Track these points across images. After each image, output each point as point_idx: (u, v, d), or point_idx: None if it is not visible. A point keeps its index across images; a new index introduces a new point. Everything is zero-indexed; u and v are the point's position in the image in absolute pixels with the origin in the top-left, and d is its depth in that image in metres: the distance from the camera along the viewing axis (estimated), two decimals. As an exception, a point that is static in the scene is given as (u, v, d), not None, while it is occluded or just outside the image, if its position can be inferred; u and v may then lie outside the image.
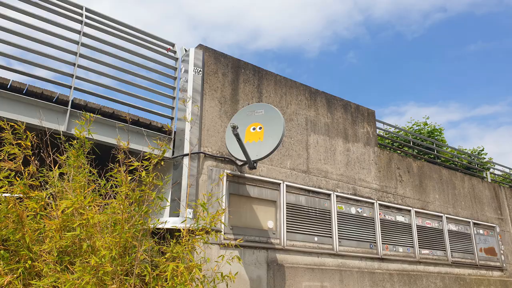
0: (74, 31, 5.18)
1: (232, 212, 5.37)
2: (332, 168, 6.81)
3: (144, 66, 5.60)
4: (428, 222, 8.11)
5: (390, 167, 7.81)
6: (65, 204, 3.25)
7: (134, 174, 3.51)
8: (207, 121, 5.56)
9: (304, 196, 6.28)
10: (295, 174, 6.26)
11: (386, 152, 7.92)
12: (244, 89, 6.10)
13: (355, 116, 7.54)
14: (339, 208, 6.66)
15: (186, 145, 5.19)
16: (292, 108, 6.61)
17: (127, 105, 5.26)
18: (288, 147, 6.32)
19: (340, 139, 7.12)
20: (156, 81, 5.64)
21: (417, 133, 13.51)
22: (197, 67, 5.60)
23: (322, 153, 6.76)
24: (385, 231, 7.24)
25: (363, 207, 7.04)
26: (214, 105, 5.71)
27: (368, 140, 7.60)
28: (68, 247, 3.29)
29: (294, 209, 6.07)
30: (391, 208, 7.51)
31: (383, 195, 7.45)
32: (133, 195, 3.41)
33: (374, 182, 7.38)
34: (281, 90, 6.57)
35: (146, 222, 3.54)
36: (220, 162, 5.52)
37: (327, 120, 7.05)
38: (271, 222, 5.79)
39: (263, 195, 5.81)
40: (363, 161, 7.35)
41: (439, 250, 8.08)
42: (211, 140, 5.53)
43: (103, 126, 4.96)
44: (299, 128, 6.57)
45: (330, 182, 6.68)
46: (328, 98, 7.23)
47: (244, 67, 6.24)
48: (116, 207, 3.44)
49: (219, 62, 5.95)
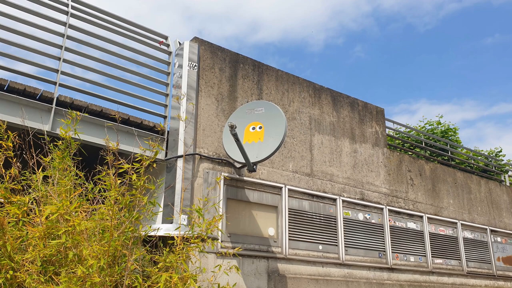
0: (59, 23, 5.19)
1: (230, 219, 5.37)
2: (338, 171, 6.81)
3: (134, 61, 5.60)
4: (442, 229, 8.12)
5: (400, 170, 7.82)
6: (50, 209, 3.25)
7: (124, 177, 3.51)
8: (203, 120, 5.57)
9: (307, 201, 6.28)
10: (298, 177, 6.26)
11: (396, 154, 7.93)
12: (243, 86, 6.11)
13: (362, 115, 7.55)
14: (345, 214, 6.67)
15: (180, 146, 5.19)
16: (295, 106, 6.62)
17: (117, 102, 5.27)
18: (290, 148, 6.33)
19: (346, 140, 7.12)
20: (147, 77, 5.64)
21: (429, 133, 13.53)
22: (192, 61, 5.61)
23: (327, 155, 6.77)
24: (395, 239, 7.24)
25: (371, 213, 7.04)
26: (211, 102, 5.72)
27: (377, 140, 7.61)
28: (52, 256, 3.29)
29: (296, 215, 6.08)
30: (401, 214, 7.51)
31: (393, 200, 7.46)
32: (123, 200, 3.41)
33: (383, 186, 7.39)
34: (283, 86, 6.58)
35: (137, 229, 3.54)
36: (217, 165, 5.53)
37: (333, 119, 7.06)
38: (272, 229, 5.79)
39: (264, 200, 5.82)
40: (372, 163, 7.35)
41: (453, 259, 8.08)
42: (207, 140, 5.53)
43: (91, 126, 4.96)
44: (302, 128, 6.58)
45: (335, 186, 6.69)
46: (333, 95, 7.24)
47: (243, 61, 6.24)
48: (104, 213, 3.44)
49: (215, 56, 5.96)
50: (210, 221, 3.91)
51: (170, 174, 5.20)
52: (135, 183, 3.53)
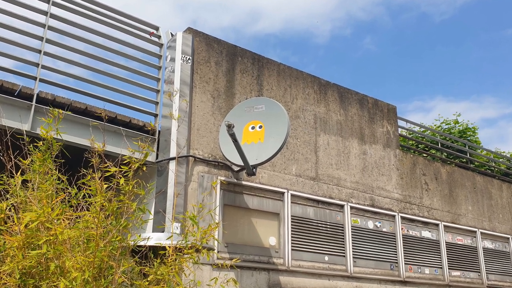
0: (40, 12, 5.19)
1: (227, 227, 5.37)
2: (346, 175, 6.82)
3: (122, 54, 5.61)
4: (460, 238, 8.12)
5: (414, 173, 7.83)
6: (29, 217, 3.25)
7: (111, 182, 3.51)
8: (197, 118, 5.57)
9: (312, 208, 6.29)
10: (301, 181, 6.27)
11: (410, 156, 7.94)
12: (241, 81, 6.12)
13: (373, 113, 7.56)
14: (354, 221, 6.67)
15: (173, 147, 5.19)
16: (299, 103, 6.63)
17: (103, 99, 5.27)
18: (293, 149, 6.34)
19: (355, 140, 7.13)
20: (137, 72, 5.65)
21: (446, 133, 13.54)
22: (186, 54, 5.62)
23: (334, 157, 6.78)
24: (409, 249, 7.25)
25: (382, 220, 7.05)
26: (206, 99, 5.72)
27: (388, 141, 7.62)
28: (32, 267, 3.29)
29: (300, 223, 6.08)
30: (415, 221, 7.52)
31: (406, 206, 7.46)
32: (110, 206, 3.41)
33: (396, 191, 7.40)
34: (285, 82, 6.58)
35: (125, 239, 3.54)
36: (212, 168, 5.53)
37: (340, 118, 7.07)
38: (274, 239, 5.79)
39: (264, 207, 5.82)
40: (383, 166, 7.36)
41: (472, 271, 8.08)
42: (202, 141, 5.54)
43: (74, 125, 4.96)
44: (306, 127, 6.59)
45: (343, 191, 6.70)
46: (341, 91, 7.25)
47: (242, 54, 6.25)
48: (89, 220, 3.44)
49: (211, 48, 5.97)
50: (206, 229, 3.91)
51: (162, 178, 5.20)
52: (123, 188, 3.53)
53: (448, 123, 14.67)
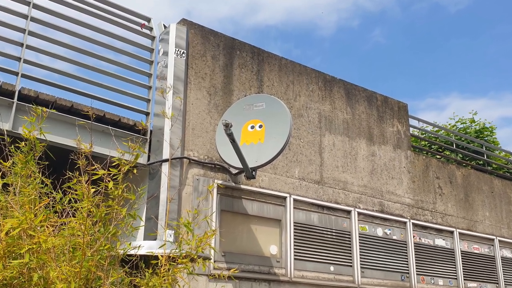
0: (22, 2, 5.20)
1: (224, 234, 5.38)
2: (353, 178, 6.83)
3: (111, 47, 5.61)
4: (476, 246, 8.12)
5: (427, 177, 7.84)
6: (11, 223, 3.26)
7: (99, 186, 3.51)
8: (192, 117, 5.58)
9: (316, 214, 6.29)
10: (305, 185, 6.27)
11: (422, 157, 7.94)
12: (239, 77, 6.12)
13: (382, 111, 7.57)
14: (361, 229, 6.67)
15: (166, 148, 5.20)
16: (302, 100, 6.64)
17: (90, 96, 5.28)
18: (296, 150, 6.34)
19: (363, 141, 7.14)
20: (127, 67, 5.65)
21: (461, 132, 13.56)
22: (180, 48, 5.62)
23: (340, 158, 6.78)
24: (421, 258, 7.25)
25: (392, 227, 7.05)
26: (202, 96, 5.73)
27: (399, 141, 7.62)
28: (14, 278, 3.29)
29: (304, 230, 6.08)
30: (428, 229, 7.52)
31: (418, 212, 7.47)
32: (98, 212, 3.42)
33: (407, 195, 7.40)
34: (288, 77, 6.59)
35: (114, 247, 3.54)
36: (209, 170, 5.53)
37: (347, 116, 7.07)
38: (275, 247, 5.80)
39: (265, 213, 5.82)
40: (393, 168, 7.37)
41: (489, 282, 8.08)
42: (197, 141, 5.54)
43: (59, 124, 4.96)
44: (310, 126, 6.60)
45: (350, 195, 6.70)
46: (347, 88, 7.25)
47: (240, 48, 6.26)
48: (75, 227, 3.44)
49: (207, 41, 5.97)
50: (201, 237, 3.91)
51: (154, 181, 5.20)
52: (111, 192, 3.53)
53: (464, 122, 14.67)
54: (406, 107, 7.99)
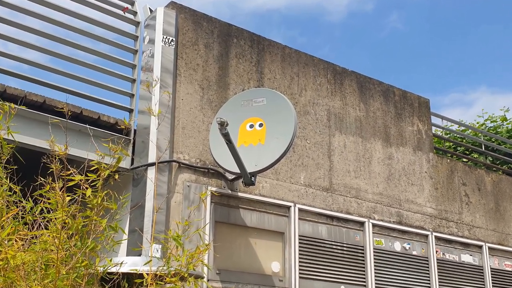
0: (-13, -17, 5.19)
1: (219, 249, 5.37)
2: (367, 184, 6.83)
3: (89, 34, 5.61)
4: (508, 263, 8.12)
5: (452, 183, 7.84)
6: (-26, 237, 3.25)
7: (75, 193, 3.51)
8: (182, 114, 5.58)
9: (325, 226, 6.29)
10: (312, 192, 6.27)
11: (446, 161, 7.94)
12: (237, 68, 6.13)
13: (400, 108, 7.57)
14: (377, 243, 6.67)
15: (152, 150, 5.20)
16: (308, 95, 6.64)
17: (65, 91, 5.27)
18: (301, 153, 6.34)
19: (378, 141, 7.14)
20: (107, 56, 5.65)
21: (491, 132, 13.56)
22: (168, 35, 5.62)
23: (352, 162, 6.78)
24: (445, 276, 7.25)
25: (412, 241, 7.05)
26: (193, 91, 5.73)
27: (420, 142, 7.62)
28: (-23, 300, 3.29)
29: (310, 244, 6.08)
30: (453, 243, 7.52)
31: (442, 223, 7.47)
32: (74, 224, 3.42)
33: (429, 204, 7.40)
34: (292, 69, 6.60)
35: (93, 264, 3.54)
36: (201, 176, 5.53)
37: (360, 114, 7.08)
38: (277, 264, 5.80)
39: (265, 224, 5.82)
40: (413, 173, 7.37)
41: (524, 304, 8.08)
42: (188, 142, 5.54)
43: (30, 123, 4.96)
44: (318, 125, 6.60)
45: (363, 204, 6.70)
46: (360, 81, 7.26)
47: (238, 35, 6.26)
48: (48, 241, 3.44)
49: (200, 28, 5.97)
50: (193, 252, 3.91)
51: (138, 188, 5.20)
52: (90, 201, 3.53)
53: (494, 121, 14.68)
54: (428, 103, 7.99)
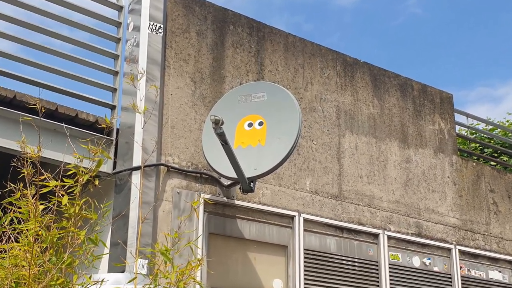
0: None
1: (213, 265, 5.38)
2: (381, 191, 6.83)
3: (66, 21, 5.61)
4: (543, 281, 8.12)
5: (478, 189, 7.84)
6: None
7: (50, 201, 3.52)
8: (172, 111, 5.58)
9: (334, 238, 6.29)
10: (319, 200, 6.28)
11: (472, 164, 7.95)
12: (233, 59, 6.13)
13: (419, 104, 7.57)
14: (393, 258, 6.67)
15: (137, 152, 5.20)
16: (315, 90, 6.64)
17: (38, 85, 5.27)
18: (307, 155, 6.34)
19: (394, 142, 7.14)
20: (86, 45, 5.65)
21: (523, 131, 13.56)
22: (155, 21, 5.63)
23: (365, 166, 6.78)
24: (471, 296, 7.25)
25: (433, 256, 7.05)
26: (184, 85, 5.73)
27: (442, 143, 7.62)
28: None
29: (317, 259, 6.09)
30: (479, 257, 7.52)
31: (467, 236, 7.47)
32: (48, 236, 3.42)
33: (452, 214, 7.40)
34: (296, 60, 6.60)
35: (70, 282, 3.54)
36: (193, 181, 5.53)
37: (373, 111, 7.08)
38: (279, 282, 5.80)
39: (266, 237, 5.83)
40: (434, 178, 7.37)
41: (561, 328, 8.08)
42: (178, 143, 5.55)
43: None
44: (326, 124, 6.60)
45: (377, 214, 6.70)
46: (374, 73, 7.26)
47: (234, 21, 6.26)
48: (19, 256, 3.45)
49: (191, 13, 5.98)
50: (183, 268, 3.91)
51: (121, 196, 5.20)
52: (66, 210, 3.53)
53: (527, 118, 14.69)
54: (451, 98, 7.99)
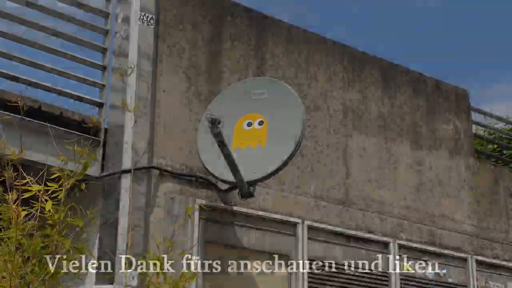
0: None
1: (210, 276, 5.37)
2: (392, 196, 6.81)
3: (50, 11, 5.60)
4: None
5: (497, 194, 7.82)
6: None
7: (33, 207, 3.51)
8: (164, 110, 5.57)
9: (340, 247, 6.28)
10: (324, 206, 6.26)
11: (490, 167, 7.93)
12: (231, 53, 6.12)
13: (433, 101, 7.56)
14: (404, 268, 6.66)
15: (127, 154, 5.19)
16: (320, 86, 6.63)
17: (20, 81, 5.27)
18: (311, 157, 6.33)
19: (406, 143, 7.13)
20: (71, 38, 5.65)
21: (545, 132, 13.56)
22: (147, 12, 5.62)
23: (374, 169, 6.77)
24: (489, 310, 7.24)
25: (448, 266, 7.04)
26: (178, 81, 5.72)
27: (457, 144, 7.61)
28: None
29: (322, 269, 6.07)
30: (498, 268, 7.51)
31: (485, 245, 7.45)
32: (31, 244, 3.41)
33: (468, 221, 7.39)
34: (299, 54, 6.59)
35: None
36: (188, 185, 5.52)
37: (383, 109, 7.07)
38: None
39: (267, 245, 5.82)
40: (448, 182, 7.36)
41: None
42: (171, 145, 5.53)
43: (-24, 120, 4.96)
44: (332, 123, 6.59)
45: (387, 221, 6.69)
46: (384, 68, 7.25)
47: (232, 12, 6.26)
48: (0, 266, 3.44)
49: (186, 3, 5.97)
50: (177, 280, 3.91)
51: (110, 201, 5.19)
52: (50, 216, 3.52)
53: (549, 118, 14.68)
54: (467, 95, 7.98)
